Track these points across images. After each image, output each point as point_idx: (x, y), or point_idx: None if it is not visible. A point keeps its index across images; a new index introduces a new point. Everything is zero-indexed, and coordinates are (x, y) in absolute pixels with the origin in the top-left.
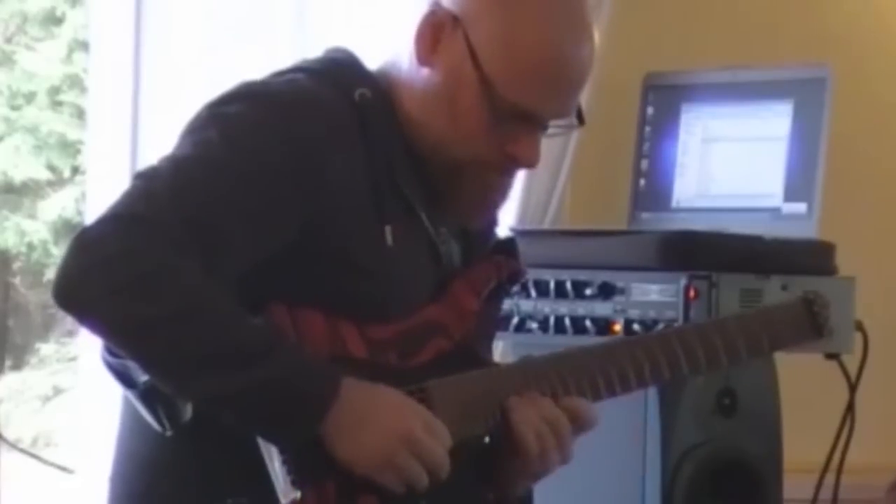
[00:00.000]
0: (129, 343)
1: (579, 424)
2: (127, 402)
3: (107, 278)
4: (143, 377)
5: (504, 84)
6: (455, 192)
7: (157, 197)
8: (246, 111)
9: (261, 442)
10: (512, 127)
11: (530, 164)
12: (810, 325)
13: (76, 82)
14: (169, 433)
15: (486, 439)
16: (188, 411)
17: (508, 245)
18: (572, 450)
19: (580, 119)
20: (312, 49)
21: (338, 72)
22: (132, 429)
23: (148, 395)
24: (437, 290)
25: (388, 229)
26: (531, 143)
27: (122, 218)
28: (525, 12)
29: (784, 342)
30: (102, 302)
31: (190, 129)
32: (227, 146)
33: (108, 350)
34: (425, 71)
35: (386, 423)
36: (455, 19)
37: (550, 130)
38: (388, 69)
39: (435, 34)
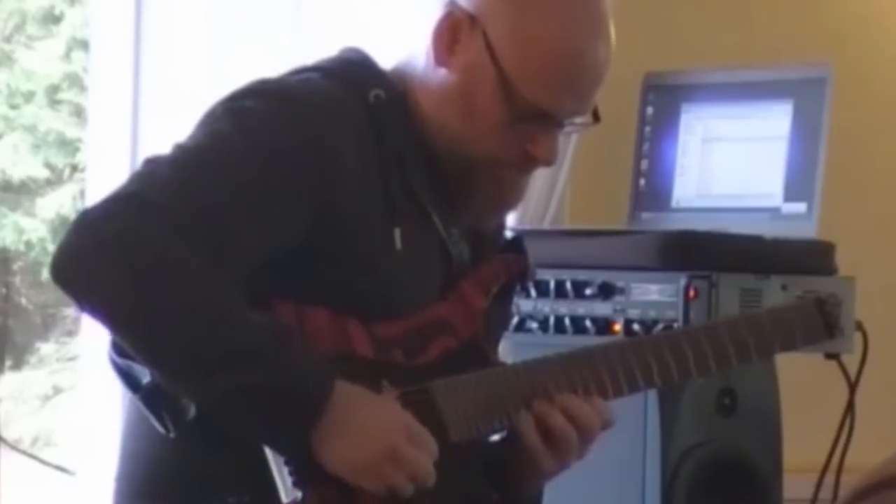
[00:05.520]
0: (123, 327)
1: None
2: (131, 402)
3: (105, 257)
4: (145, 379)
5: (523, 83)
6: (470, 192)
7: (163, 182)
8: (260, 106)
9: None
10: (529, 125)
11: (548, 162)
12: (822, 326)
13: (75, 81)
14: (172, 435)
15: (495, 438)
16: (192, 409)
17: (516, 244)
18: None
19: (595, 117)
20: (311, 49)
21: (352, 72)
22: (136, 428)
23: (151, 398)
24: (446, 289)
25: (397, 232)
26: (549, 141)
27: (125, 199)
28: (543, 11)
29: (795, 343)
30: (100, 283)
31: (203, 121)
32: (240, 139)
33: (115, 349)
34: (442, 71)
35: (370, 437)
36: (473, 19)
37: (567, 128)
38: (402, 69)
39: (453, 34)
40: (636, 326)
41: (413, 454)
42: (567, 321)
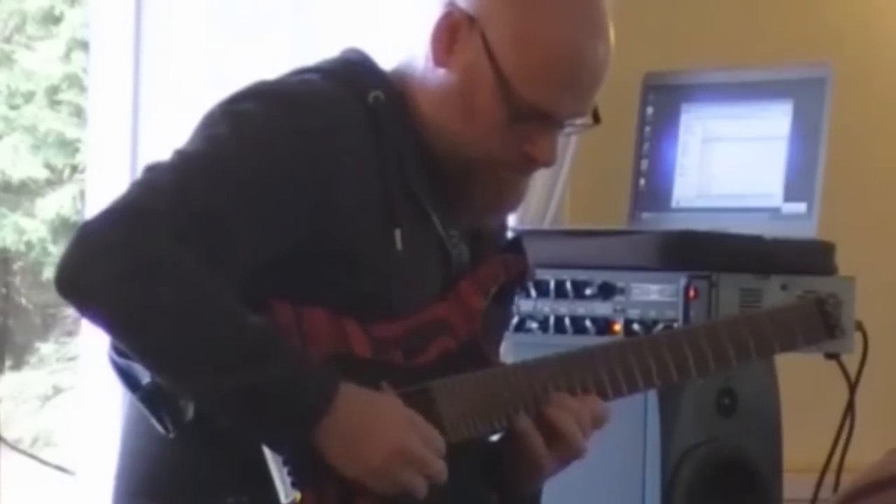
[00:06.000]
0: (126, 333)
1: (597, 422)
2: (131, 402)
3: (108, 267)
4: (145, 379)
5: (522, 83)
6: (470, 193)
7: (162, 190)
8: (258, 109)
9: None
10: (528, 126)
11: (548, 163)
12: (823, 326)
13: (75, 81)
14: (172, 435)
15: (494, 438)
16: (191, 410)
17: (516, 244)
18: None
19: (596, 118)
20: (311, 49)
21: (352, 73)
22: (136, 427)
23: (151, 398)
24: (445, 289)
25: (397, 233)
26: (548, 142)
27: (125, 209)
28: (542, 12)
29: (796, 343)
30: (102, 290)
31: (202, 125)
32: (238, 143)
33: (116, 350)
34: (441, 72)
35: (382, 438)
36: (471, 20)
37: (567, 129)
38: (402, 70)
39: (451, 35)
40: (636, 326)
41: (425, 451)
42: (567, 321)
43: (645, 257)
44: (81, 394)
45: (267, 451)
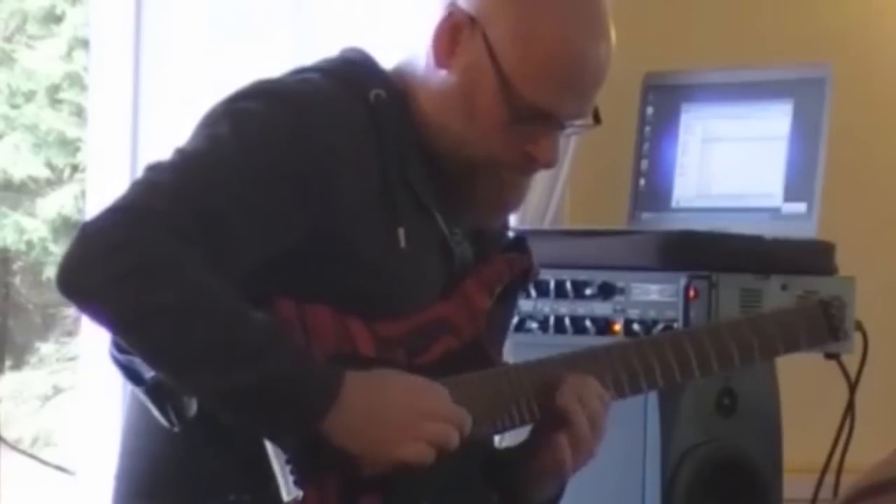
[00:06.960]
0: (129, 332)
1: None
2: (132, 399)
3: (110, 266)
4: (149, 373)
5: (523, 84)
6: (471, 193)
7: (163, 189)
8: (259, 108)
9: (265, 440)
10: (530, 127)
11: (549, 163)
12: (826, 329)
13: (76, 80)
14: (177, 429)
15: (497, 440)
16: (193, 406)
17: (520, 243)
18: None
19: (597, 118)
20: (311, 49)
21: (353, 72)
22: (137, 426)
23: (155, 392)
24: (448, 288)
25: (401, 231)
26: (549, 142)
27: (127, 209)
28: (543, 12)
29: (799, 345)
30: (105, 289)
31: (203, 124)
32: (238, 142)
33: (116, 346)
34: (443, 72)
35: (390, 415)
36: (473, 20)
37: (568, 130)
38: (403, 69)
39: (453, 36)
40: (636, 326)
41: (438, 404)
42: (567, 321)
43: (645, 257)
44: (81, 394)
45: (270, 449)
